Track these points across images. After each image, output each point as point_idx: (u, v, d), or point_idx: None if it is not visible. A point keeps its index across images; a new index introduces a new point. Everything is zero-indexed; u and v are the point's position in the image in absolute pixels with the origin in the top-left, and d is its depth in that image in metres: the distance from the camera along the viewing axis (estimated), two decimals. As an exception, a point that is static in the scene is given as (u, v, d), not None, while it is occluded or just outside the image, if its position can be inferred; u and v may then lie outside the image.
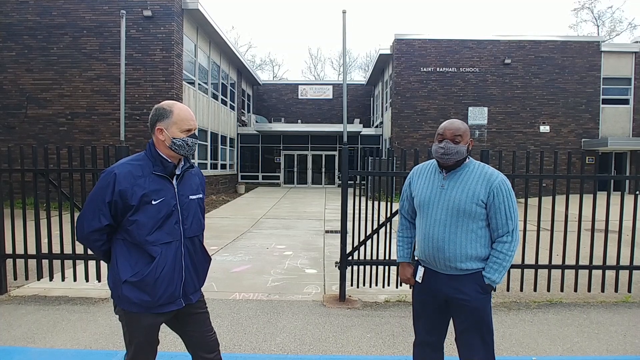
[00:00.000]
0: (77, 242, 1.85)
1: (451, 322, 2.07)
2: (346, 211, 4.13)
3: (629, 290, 4.13)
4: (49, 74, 12.14)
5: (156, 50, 12.01)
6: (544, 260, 4.25)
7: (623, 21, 43.27)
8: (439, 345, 2.11)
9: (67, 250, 4.12)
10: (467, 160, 2.00)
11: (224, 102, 17.89)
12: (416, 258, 2.17)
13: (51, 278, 4.20)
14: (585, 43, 16.69)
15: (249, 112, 22.96)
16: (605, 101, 16.69)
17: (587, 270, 4.13)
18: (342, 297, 4.08)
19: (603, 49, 16.54)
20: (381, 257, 4.25)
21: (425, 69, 16.61)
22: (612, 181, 4.11)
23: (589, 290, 4.14)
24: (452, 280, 1.94)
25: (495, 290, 1.89)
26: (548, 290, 4.14)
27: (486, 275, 1.91)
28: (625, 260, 4.18)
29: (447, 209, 1.92)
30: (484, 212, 1.91)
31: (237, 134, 20.63)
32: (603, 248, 4.13)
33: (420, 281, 2.08)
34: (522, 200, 5.93)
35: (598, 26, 33.83)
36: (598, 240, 4.14)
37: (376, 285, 4.24)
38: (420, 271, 2.09)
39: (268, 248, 6.64)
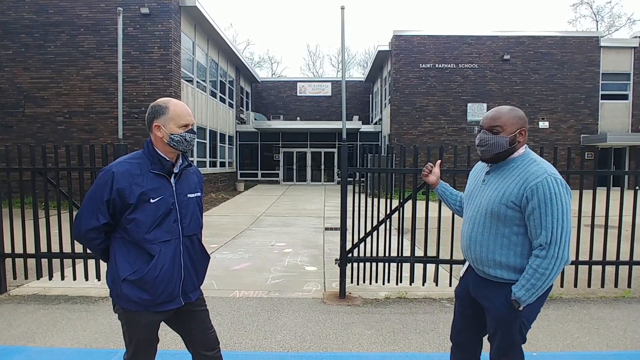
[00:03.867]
0: (76, 241, 1.85)
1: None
2: (346, 208, 4.12)
3: (629, 286, 4.13)
4: (46, 72, 12.09)
5: (154, 48, 11.96)
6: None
7: (622, 16, 43.30)
8: (473, 347, 1.94)
9: (67, 249, 4.11)
10: (517, 154, 1.73)
11: (222, 100, 17.85)
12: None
13: (51, 277, 4.19)
14: (584, 38, 16.67)
15: (247, 109, 22.91)
16: (604, 97, 16.70)
17: (587, 266, 4.14)
18: (342, 294, 4.07)
19: (602, 44, 16.53)
20: (381, 254, 4.25)
21: (424, 65, 16.58)
22: (612, 176, 4.10)
23: (589, 285, 4.14)
24: (483, 284, 1.78)
25: (521, 309, 1.69)
26: (548, 286, 4.14)
27: (514, 289, 1.65)
28: (625, 256, 4.18)
29: (479, 207, 1.77)
30: (519, 215, 1.64)
31: (236, 131, 20.60)
32: (603, 243, 4.12)
33: (462, 275, 1.96)
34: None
35: (597, 21, 33.80)
36: (598, 236, 4.14)
37: (376, 282, 4.24)
38: (465, 266, 1.96)
39: (272, 244, 6.64)
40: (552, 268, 1.57)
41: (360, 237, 4.20)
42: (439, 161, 2.30)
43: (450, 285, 4.19)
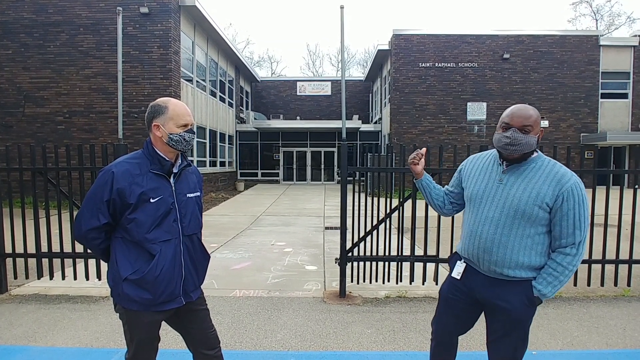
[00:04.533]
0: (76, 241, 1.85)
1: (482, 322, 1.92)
2: (346, 207, 4.12)
3: (629, 284, 4.14)
4: (46, 72, 12.08)
5: (153, 48, 11.96)
6: (543, 254, 4.25)
7: (622, 15, 43.27)
8: (454, 343, 2.00)
9: (67, 249, 4.11)
10: (536, 154, 1.73)
11: (222, 100, 17.85)
12: (455, 251, 1.98)
13: (51, 277, 4.20)
14: (584, 37, 16.67)
15: (247, 109, 22.90)
16: (604, 95, 16.69)
17: (587, 265, 4.14)
18: (342, 293, 4.08)
19: (602, 43, 16.52)
20: (381, 253, 4.25)
21: (423, 65, 16.57)
22: (611, 175, 4.11)
23: (589, 284, 4.15)
24: (494, 285, 1.74)
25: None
26: (548, 284, 4.15)
27: (537, 286, 1.68)
28: (624, 255, 4.19)
29: (503, 208, 1.70)
30: (547, 217, 1.66)
31: (236, 131, 20.59)
32: (602, 242, 4.13)
33: (458, 278, 1.88)
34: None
35: (597, 20, 33.78)
36: (597, 235, 4.15)
37: (376, 281, 4.24)
38: (460, 267, 1.88)
39: (272, 244, 6.64)
40: (577, 264, 1.65)
41: (360, 236, 4.20)
42: (424, 149, 2.13)
43: (450, 284, 4.19)
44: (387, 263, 4.21)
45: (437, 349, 2.04)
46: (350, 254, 4.16)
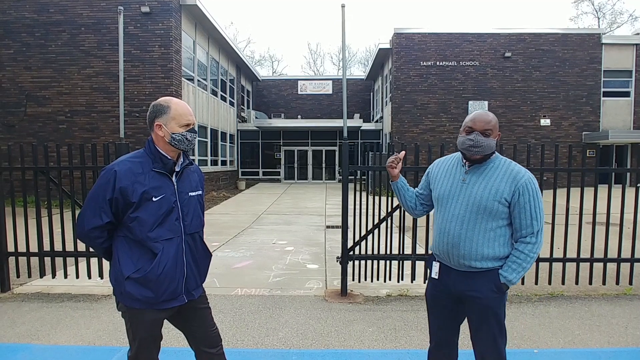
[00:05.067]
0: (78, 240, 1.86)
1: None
2: (347, 206, 4.13)
3: (630, 283, 4.13)
4: (48, 71, 12.10)
5: (155, 47, 11.96)
6: (545, 253, 4.24)
7: (624, 13, 42.92)
8: (453, 342, 2.06)
9: (69, 247, 4.13)
10: (494, 155, 1.90)
11: (223, 99, 17.85)
12: (430, 252, 2.11)
13: (54, 275, 4.22)
14: (586, 35, 16.60)
15: (248, 108, 22.91)
16: (606, 94, 16.64)
17: (589, 263, 4.14)
18: (343, 291, 4.09)
19: (604, 41, 16.45)
20: (382, 251, 4.26)
21: (425, 63, 16.54)
22: (613, 174, 4.10)
23: (590, 283, 4.15)
24: (465, 277, 1.88)
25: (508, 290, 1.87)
26: (549, 283, 4.15)
27: (503, 274, 1.83)
28: (626, 253, 4.19)
29: (467, 205, 1.84)
30: (507, 210, 1.82)
31: (237, 130, 20.60)
32: (604, 241, 4.12)
33: (436, 277, 2.00)
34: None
35: (599, 18, 33.66)
36: (599, 233, 4.14)
37: (377, 279, 4.25)
38: (436, 266, 2.01)
39: (274, 243, 6.65)
40: (537, 251, 1.82)
41: (362, 235, 4.21)
42: (403, 152, 2.22)
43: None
44: (388, 261, 4.21)
45: (437, 349, 2.08)
46: (351, 253, 4.17)
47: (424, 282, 4.16)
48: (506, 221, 1.84)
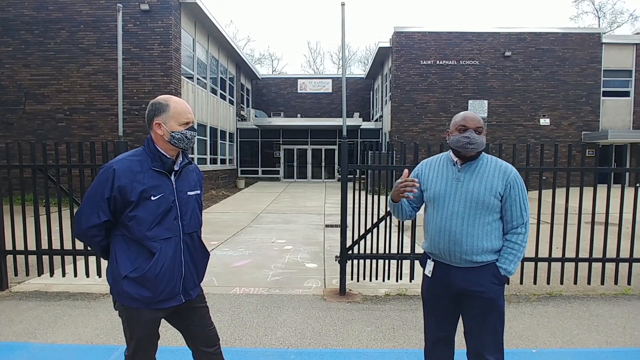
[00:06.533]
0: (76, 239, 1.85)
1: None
2: (346, 205, 4.12)
3: (629, 283, 4.14)
4: (47, 69, 12.07)
5: (154, 45, 11.93)
6: (543, 253, 4.25)
7: (624, 12, 42.74)
8: (451, 339, 2.08)
9: (67, 246, 4.12)
10: (481, 152, 1.98)
11: (223, 97, 17.82)
12: (423, 251, 2.13)
13: (52, 274, 4.21)
14: (586, 35, 16.58)
15: (248, 106, 22.88)
16: (605, 93, 16.62)
17: (587, 263, 4.14)
18: (342, 291, 4.08)
19: (604, 40, 16.44)
20: (381, 250, 4.26)
21: (425, 62, 16.52)
22: (613, 174, 4.10)
23: (589, 282, 4.15)
24: (467, 273, 1.92)
25: (508, 283, 1.88)
26: (548, 283, 4.15)
27: (501, 266, 1.92)
28: (625, 253, 4.18)
29: (465, 202, 1.90)
30: (499, 204, 1.92)
31: (237, 128, 20.57)
32: (603, 241, 4.13)
33: (430, 275, 2.04)
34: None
35: (599, 18, 33.65)
36: (598, 233, 4.14)
37: (376, 279, 4.24)
38: (430, 265, 2.04)
39: (273, 242, 6.64)
40: (527, 240, 1.94)
41: (361, 234, 4.20)
42: (406, 171, 2.03)
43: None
44: (387, 261, 4.21)
45: (435, 348, 2.10)
46: (350, 252, 4.16)
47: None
48: (499, 215, 1.94)
